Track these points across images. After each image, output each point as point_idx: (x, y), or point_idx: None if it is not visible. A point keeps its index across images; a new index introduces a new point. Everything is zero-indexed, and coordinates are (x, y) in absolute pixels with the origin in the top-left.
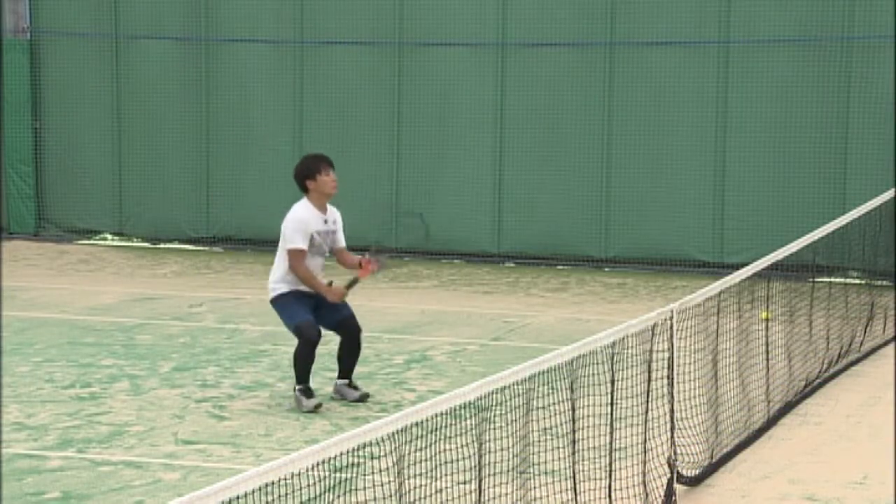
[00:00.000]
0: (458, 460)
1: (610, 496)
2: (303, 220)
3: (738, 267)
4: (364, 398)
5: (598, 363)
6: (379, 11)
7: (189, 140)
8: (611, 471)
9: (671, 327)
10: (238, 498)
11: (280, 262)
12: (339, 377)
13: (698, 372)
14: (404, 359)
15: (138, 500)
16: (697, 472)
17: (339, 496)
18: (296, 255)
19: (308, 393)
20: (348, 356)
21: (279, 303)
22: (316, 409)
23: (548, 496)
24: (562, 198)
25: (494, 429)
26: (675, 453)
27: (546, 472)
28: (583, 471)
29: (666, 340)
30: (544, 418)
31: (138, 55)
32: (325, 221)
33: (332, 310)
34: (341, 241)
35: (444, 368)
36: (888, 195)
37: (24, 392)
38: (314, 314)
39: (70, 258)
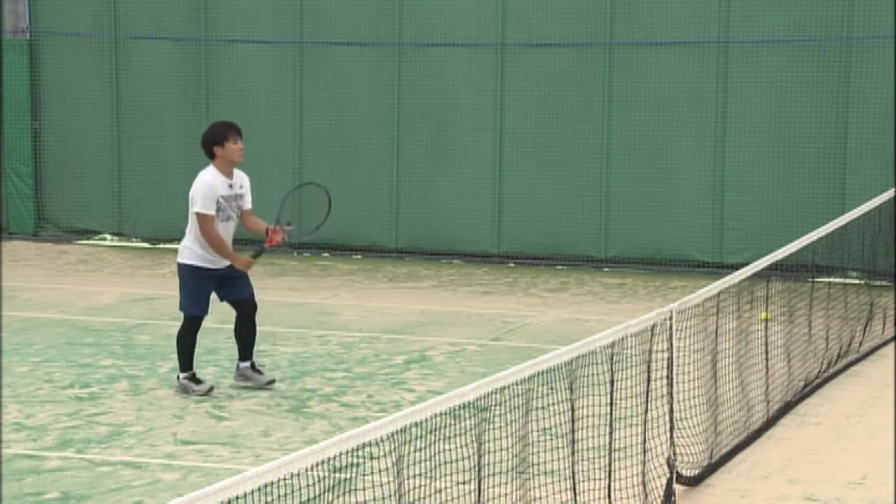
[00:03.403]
0: (457, 460)
1: (609, 496)
2: (210, 186)
3: (737, 267)
4: (271, 383)
5: (597, 363)
6: (379, 11)
7: (189, 140)
8: (610, 471)
9: (670, 327)
10: (237, 498)
11: (191, 227)
12: (241, 359)
13: (698, 372)
14: (403, 359)
15: (137, 500)
16: (697, 472)
17: (338, 496)
18: (205, 220)
19: (196, 379)
20: (245, 335)
21: (184, 275)
22: (210, 392)
23: (547, 496)
24: (561, 198)
25: (494, 429)
26: (674, 453)
27: (545, 473)
28: (582, 471)
29: (665, 341)
30: (544, 418)
31: (138, 55)
32: (231, 186)
33: (234, 287)
34: (247, 204)
35: (443, 369)
36: (888, 195)
37: (24, 392)
38: (218, 289)
39: (69, 258)
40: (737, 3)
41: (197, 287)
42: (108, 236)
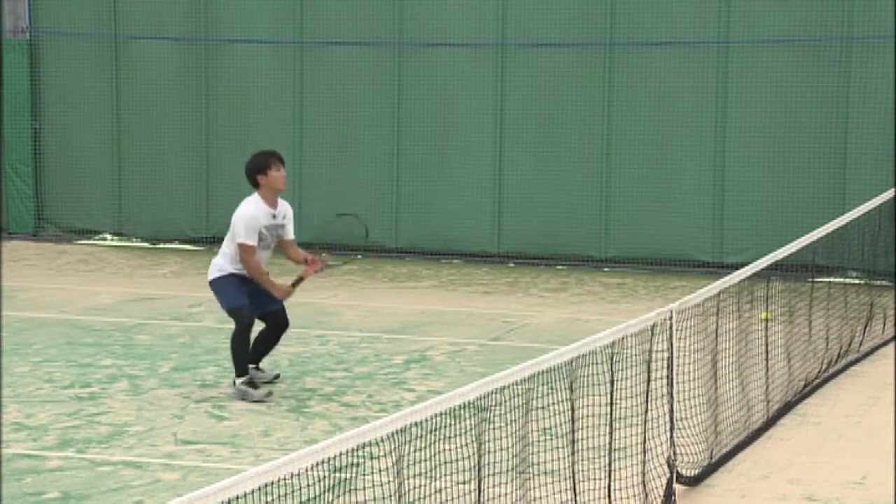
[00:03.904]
0: (457, 460)
1: (609, 496)
2: (253, 216)
3: (737, 267)
4: (276, 377)
5: (597, 363)
6: (379, 11)
7: (189, 140)
8: (610, 471)
9: (670, 327)
10: (237, 498)
11: (227, 250)
12: (250, 360)
13: (698, 372)
14: (403, 359)
15: (138, 500)
16: (697, 472)
17: (338, 496)
18: (246, 250)
19: (254, 384)
20: (264, 347)
21: (217, 284)
22: (269, 398)
23: (547, 496)
24: (561, 198)
25: (494, 429)
26: (674, 453)
27: (545, 473)
28: (582, 471)
29: (665, 340)
30: (544, 418)
31: (138, 55)
32: (274, 216)
33: (266, 299)
34: (290, 234)
35: (443, 368)
36: (888, 195)
37: (24, 392)
38: (252, 300)
39: (69, 258)
40: (737, 3)
41: (228, 284)
42: (108, 236)
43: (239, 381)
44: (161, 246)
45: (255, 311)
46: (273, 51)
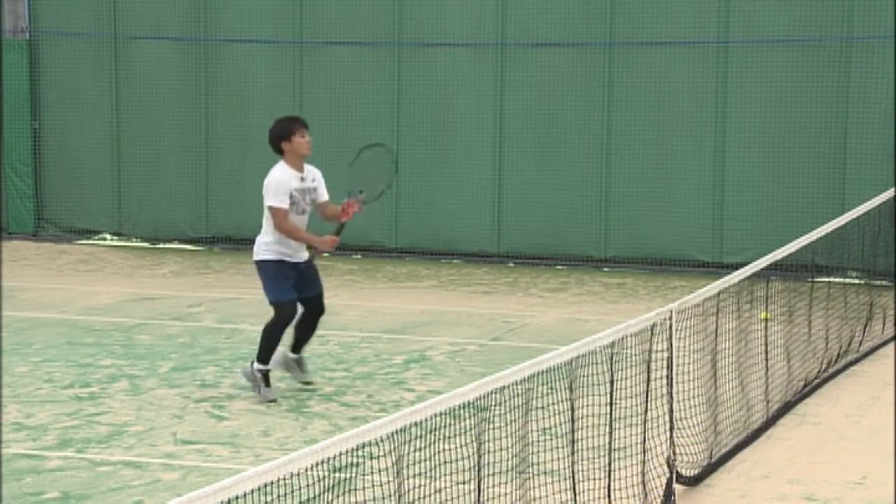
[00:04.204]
0: (457, 460)
1: (609, 496)
2: (281, 181)
3: (737, 267)
4: (308, 384)
5: (597, 363)
6: (379, 11)
7: (188, 140)
8: (610, 471)
9: (670, 327)
10: (237, 498)
11: (267, 226)
12: (292, 350)
13: (697, 372)
14: (403, 359)
15: (137, 499)
16: (696, 472)
17: (338, 496)
18: (278, 213)
19: (267, 379)
20: (302, 334)
21: (265, 269)
22: (269, 402)
23: (547, 496)
24: (561, 198)
25: (493, 429)
26: (674, 453)
27: (545, 472)
28: (582, 471)
29: (665, 340)
30: (543, 418)
31: (138, 55)
32: (303, 179)
33: (305, 286)
34: (323, 196)
35: (443, 368)
36: (887, 195)
37: (24, 392)
38: (296, 285)
39: (69, 258)
40: (737, 3)
41: (277, 273)
42: (108, 236)
43: (257, 365)
44: (161, 246)
45: (298, 295)
46: (273, 51)
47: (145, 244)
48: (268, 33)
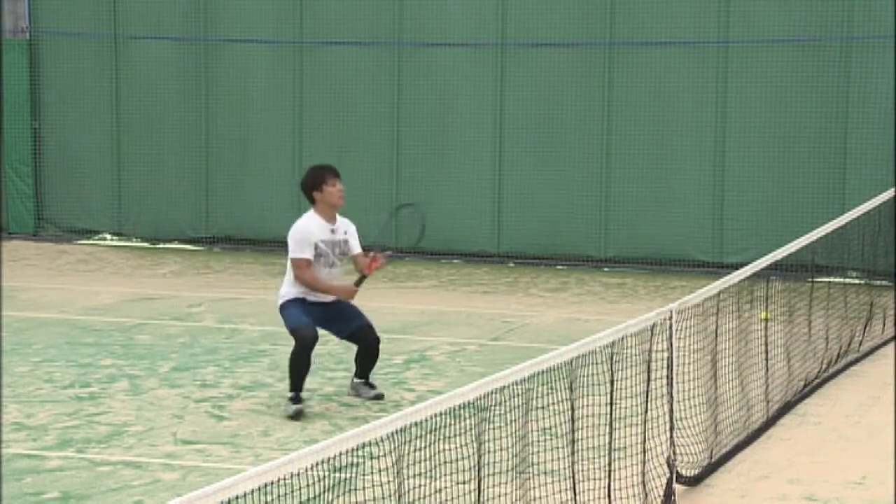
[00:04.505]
0: (457, 460)
1: (609, 496)
2: (305, 231)
3: (737, 267)
4: (379, 397)
5: (597, 363)
6: (379, 11)
7: (188, 140)
8: (610, 471)
9: (670, 327)
10: (237, 498)
11: (288, 273)
12: (356, 376)
13: (697, 372)
14: (403, 359)
15: (137, 499)
16: (697, 472)
17: (338, 496)
18: (299, 265)
19: (296, 399)
20: (365, 361)
21: (283, 307)
22: (295, 417)
23: (547, 496)
24: (561, 198)
25: (494, 429)
26: (674, 453)
27: (545, 472)
28: (582, 471)
29: (665, 340)
30: (543, 418)
31: (138, 55)
32: (333, 231)
33: (346, 321)
34: (355, 249)
35: (443, 368)
36: (887, 195)
37: (24, 392)
38: (331, 327)
39: (69, 258)
40: (737, 3)
41: (293, 306)
42: (108, 236)
43: (289, 394)
44: (161, 246)
45: (343, 335)
46: (273, 51)
47: (145, 244)
48: (268, 33)
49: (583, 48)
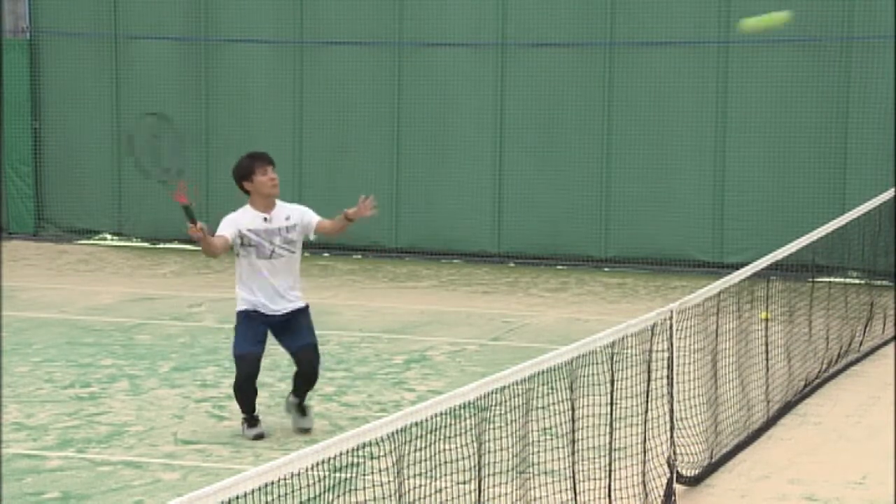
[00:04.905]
0: (457, 460)
1: (609, 496)
2: (232, 219)
3: (737, 267)
4: (305, 431)
5: (597, 363)
6: (379, 11)
7: (188, 140)
8: (610, 471)
9: (671, 327)
10: (237, 498)
11: (237, 271)
12: (292, 393)
13: (698, 372)
14: (404, 359)
15: (138, 500)
16: (697, 472)
17: (338, 496)
18: (213, 241)
19: (252, 421)
20: (301, 383)
21: (238, 320)
22: (257, 439)
23: (547, 496)
24: (561, 198)
25: (494, 429)
26: (674, 453)
27: (545, 472)
28: (582, 471)
29: (665, 340)
30: (544, 418)
31: (138, 55)
32: (267, 220)
33: (293, 338)
34: (312, 223)
35: (443, 368)
36: (888, 195)
37: (24, 392)
38: (279, 337)
39: (69, 258)
40: (737, 3)
41: (244, 327)
42: (108, 236)
43: (242, 416)
44: (161, 246)
45: (285, 348)
46: (273, 51)
47: (145, 244)
48: (268, 33)
49: (583, 48)
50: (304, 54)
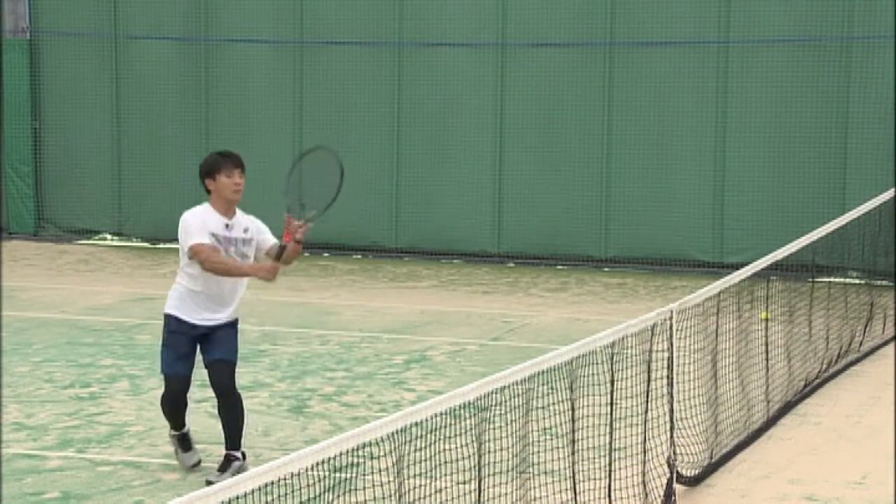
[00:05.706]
0: (457, 460)
1: (609, 496)
2: (196, 216)
3: (737, 267)
4: (195, 465)
5: (597, 363)
6: (379, 11)
7: (189, 140)
8: (610, 471)
9: (671, 327)
10: (237, 498)
11: (181, 271)
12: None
13: (698, 372)
14: (404, 359)
15: (138, 500)
16: (697, 471)
17: (338, 496)
18: (201, 250)
19: (185, 443)
20: (222, 415)
21: (165, 332)
22: (194, 467)
23: (547, 496)
24: (561, 198)
25: (494, 429)
26: (674, 453)
27: (545, 472)
28: (582, 471)
29: (665, 340)
30: (544, 418)
31: (138, 55)
32: (227, 227)
33: (211, 350)
34: (267, 243)
35: (443, 368)
36: (888, 195)
37: (24, 392)
38: (201, 347)
39: (69, 258)
40: (737, 3)
41: (177, 343)
42: (108, 236)
43: (172, 433)
44: (161, 246)
45: (203, 358)
46: (273, 51)
47: (145, 244)
48: (268, 33)
49: (583, 48)
50: (304, 54)
